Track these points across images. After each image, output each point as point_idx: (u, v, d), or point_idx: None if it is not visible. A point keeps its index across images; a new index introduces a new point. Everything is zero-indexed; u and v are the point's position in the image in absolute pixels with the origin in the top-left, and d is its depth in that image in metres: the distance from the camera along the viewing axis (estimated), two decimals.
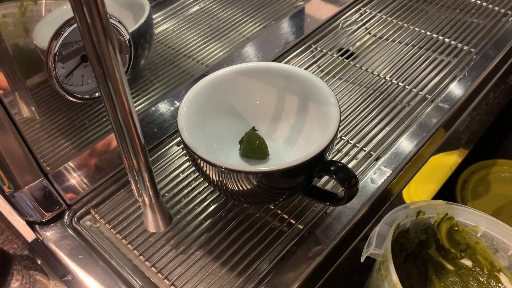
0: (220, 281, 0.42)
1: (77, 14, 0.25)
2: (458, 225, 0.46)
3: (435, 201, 0.45)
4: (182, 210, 0.48)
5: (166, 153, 0.54)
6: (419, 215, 0.45)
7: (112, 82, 0.28)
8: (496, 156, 0.74)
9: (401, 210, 0.44)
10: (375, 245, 0.41)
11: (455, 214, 0.45)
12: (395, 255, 0.46)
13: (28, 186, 0.46)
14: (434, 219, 0.46)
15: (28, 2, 0.40)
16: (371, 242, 0.41)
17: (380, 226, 0.42)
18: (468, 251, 0.47)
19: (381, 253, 0.41)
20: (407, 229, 0.46)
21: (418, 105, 0.57)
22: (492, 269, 0.45)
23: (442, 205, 0.45)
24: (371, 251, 0.41)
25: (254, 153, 0.47)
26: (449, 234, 0.46)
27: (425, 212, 0.45)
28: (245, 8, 0.70)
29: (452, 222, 0.46)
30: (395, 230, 0.43)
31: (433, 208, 0.45)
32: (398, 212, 0.44)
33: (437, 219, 0.46)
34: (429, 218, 0.45)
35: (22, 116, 0.42)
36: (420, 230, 0.46)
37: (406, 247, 0.46)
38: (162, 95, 0.57)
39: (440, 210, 0.45)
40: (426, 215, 0.45)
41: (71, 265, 0.44)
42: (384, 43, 0.67)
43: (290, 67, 0.49)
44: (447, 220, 0.45)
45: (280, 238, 0.45)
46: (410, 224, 0.45)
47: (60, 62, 0.42)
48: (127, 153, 0.32)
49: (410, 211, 0.44)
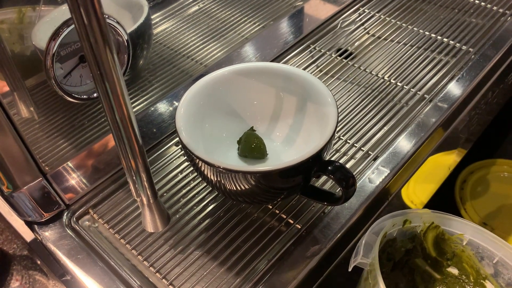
0: (218, 280, 0.42)
1: (75, 15, 0.25)
2: (444, 234, 0.46)
3: (422, 210, 0.45)
4: (181, 210, 0.48)
5: (164, 153, 0.54)
6: (405, 224, 0.45)
7: (109, 83, 0.28)
8: (495, 155, 0.74)
9: (388, 219, 0.44)
10: (362, 254, 0.41)
11: (441, 222, 0.46)
12: (382, 264, 0.46)
13: (27, 186, 0.46)
14: (421, 227, 0.46)
15: (27, 8, 0.41)
16: (359, 251, 0.41)
17: (367, 235, 0.42)
18: (454, 259, 0.47)
19: (369, 262, 0.41)
20: (394, 238, 0.46)
21: (417, 105, 0.57)
22: (478, 277, 0.46)
23: (428, 214, 0.45)
24: (359, 260, 0.41)
25: (252, 153, 0.47)
26: (435, 243, 0.47)
27: (412, 221, 0.45)
28: (243, 8, 0.70)
29: (438, 231, 0.46)
30: (382, 239, 0.43)
31: (419, 217, 0.45)
32: (385, 221, 0.44)
33: (424, 228, 0.46)
34: (415, 227, 0.46)
35: (21, 116, 0.42)
36: (406, 239, 0.47)
37: (393, 256, 0.46)
38: (161, 95, 0.57)
39: (426, 219, 0.45)
40: (413, 223, 0.45)
41: (69, 265, 0.44)
42: (382, 43, 0.67)
43: (288, 67, 0.49)
44: (433, 228, 0.46)
45: (278, 237, 0.45)
46: (397, 233, 0.46)
47: (59, 63, 0.42)
48: (125, 153, 0.32)
49: (397, 220, 0.44)
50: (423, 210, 0.46)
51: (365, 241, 0.42)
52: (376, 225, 0.43)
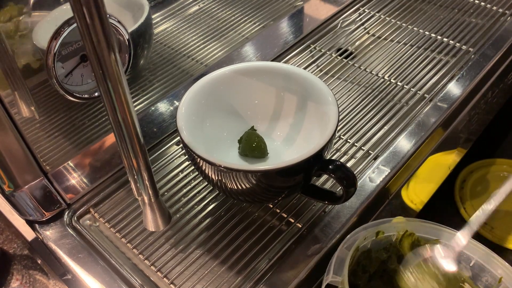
0: (219, 279, 0.43)
1: (77, 14, 0.25)
2: (420, 240, 0.46)
3: (395, 219, 0.45)
4: (182, 209, 0.48)
5: (165, 153, 0.54)
6: (379, 235, 0.45)
7: (111, 82, 0.28)
8: (494, 155, 0.74)
9: (360, 231, 0.44)
10: (333, 272, 0.39)
11: (415, 229, 0.45)
12: (358, 276, 0.45)
13: (28, 186, 0.46)
14: (395, 236, 0.46)
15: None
16: (330, 269, 0.40)
17: (339, 250, 0.41)
18: None
19: (340, 280, 0.39)
20: (368, 249, 0.45)
21: (417, 105, 0.58)
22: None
23: (402, 222, 0.45)
24: (330, 279, 0.40)
25: (253, 152, 0.47)
26: (412, 249, 0.46)
27: (385, 231, 0.45)
28: (244, 8, 0.70)
29: (414, 238, 0.45)
30: (355, 252, 0.43)
31: (392, 226, 0.45)
32: (356, 234, 0.43)
33: (398, 236, 0.46)
34: (390, 236, 0.45)
35: (22, 115, 0.42)
36: (381, 249, 0.46)
37: (368, 268, 0.46)
38: (162, 94, 0.57)
39: (400, 227, 0.45)
40: (386, 233, 0.45)
41: (70, 264, 0.44)
42: (382, 43, 0.67)
43: (289, 66, 0.49)
44: (408, 236, 0.45)
45: (279, 236, 0.45)
46: (371, 244, 0.45)
47: (60, 62, 0.42)
48: (127, 152, 0.32)
49: (369, 232, 0.44)
50: (396, 218, 0.45)
51: (337, 256, 0.41)
52: (348, 239, 0.43)
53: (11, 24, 0.39)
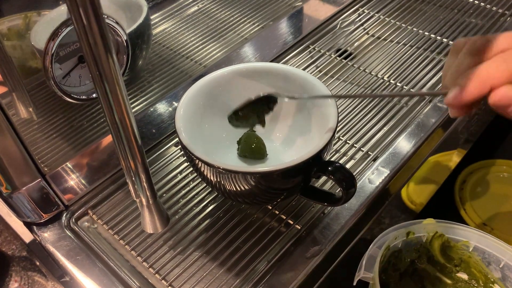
0: (218, 281, 0.42)
1: (73, 15, 0.25)
2: (449, 241, 0.47)
3: (425, 220, 0.46)
4: (180, 211, 0.48)
5: (164, 154, 0.54)
6: (409, 235, 0.46)
7: (108, 83, 0.27)
8: (494, 156, 0.74)
9: (391, 232, 0.45)
10: (364, 268, 0.42)
11: (445, 231, 0.46)
12: (389, 275, 0.47)
13: (26, 187, 0.46)
14: (425, 237, 0.46)
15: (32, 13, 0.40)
16: (361, 266, 0.43)
17: (370, 249, 0.43)
18: (462, 265, 0.48)
19: (371, 276, 0.41)
20: (399, 249, 0.47)
21: (416, 105, 0.57)
22: (487, 281, 0.46)
23: (432, 224, 0.46)
24: (361, 275, 0.42)
25: (253, 153, 0.47)
26: (442, 250, 0.47)
27: (415, 232, 0.46)
28: (243, 8, 0.70)
29: (443, 239, 0.46)
30: (385, 251, 0.44)
31: (422, 227, 0.46)
32: (387, 234, 0.45)
33: (428, 237, 0.46)
34: (420, 237, 0.46)
35: (20, 117, 0.42)
36: (412, 249, 0.47)
37: (398, 267, 0.47)
38: (160, 95, 0.57)
39: (430, 229, 0.46)
40: (416, 234, 0.46)
41: (68, 266, 0.44)
42: (382, 43, 0.67)
43: (288, 67, 0.49)
44: (438, 237, 0.46)
45: (278, 238, 0.45)
46: (401, 244, 0.46)
47: (58, 63, 0.42)
48: (124, 154, 0.32)
49: (399, 232, 0.45)
50: (427, 220, 0.46)
51: (369, 255, 0.43)
52: (379, 238, 0.44)
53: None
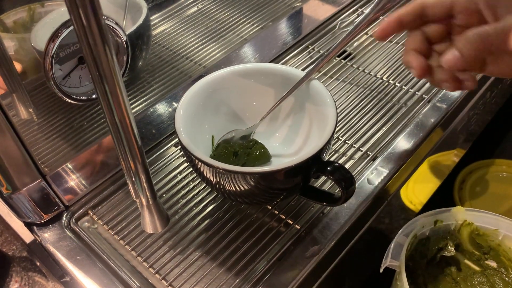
0: (217, 281, 0.43)
1: (73, 16, 0.25)
2: (479, 230, 0.47)
3: (454, 208, 0.47)
4: (180, 211, 0.48)
5: (164, 154, 0.54)
6: (437, 224, 0.46)
7: (108, 84, 0.28)
8: (493, 155, 0.74)
9: (418, 220, 0.46)
10: (391, 256, 0.43)
11: (474, 219, 0.47)
12: (416, 262, 0.47)
13: (26, 188, 0.46)
14: (454, 225, 0.47)
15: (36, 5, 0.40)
16: (388, 254, 0.44)
17: (397, 237, 0.44)
18: (491, 253, 0.48)
19: (398, 264, 0.42)
20: (426, 237, 0.47)
21: (415, 105, 0.58)
22: None
23: (461, 212, 0.46)
24: (388, 263, 0.43)
25: (260, 160, 0.47)
26: (471, 238, 0.48)
27: (443, 220, 0.46)
28: (242, 9, 0.70)
29: (472, 227, 0.47)
30: (413, 239, 0.45)
31: (451, 215, 0.47)
32: (415, 222, 0.46)
33: (457, 225, 0.47)
34: (449, 225, 0.47)
35: (20, 117, 0.42)
36: (439, 237, 0.48)
37: (425, 254, 0.48)
38: (160, 96, 0.57)
39: (459, 217, 0.46)
40: (445, 222, 0.46)
41: (69, 266, 0.44)
42: (381, 44, 0.67)
43: (287, 68, 0.49)
44: (467, 225, 0.47)
45: (278, 238, 0.45)
46: (429, 232, 0.47)
47: (58, 64, 0.42)
48: (124, 154, 0.32)
49: (427, 220, 0.46)
50: (456, 208, 0.47)
51: (396, 242, 0.44)
52: (406, 227, 0.45)
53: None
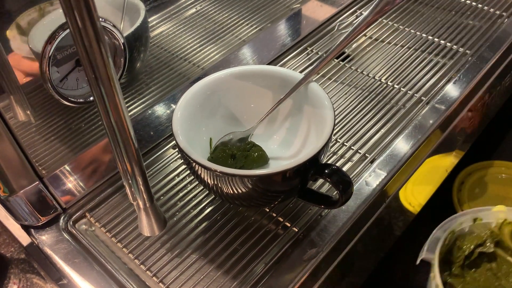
0: (215, 284, 0.42)
1: (69, 18, 0.25)
2: None
3: (495, 207, 0.48)
4: (177, 213, 0.48)
5: (161, 156, 0.54)
6: (476, 221, 0.47)
7: (104, 87, 0.28)
8: (492, 157, 0.74)
9: (457, 217, 0.47)
10: (426, 249, 0.46)
11: None
12: (454, 256, 0.49)
13: (23, 190, 0.46)
14: (493, 224, 0.48)
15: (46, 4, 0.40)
16: (424, 247, 0.46)
17: (435, 231, 0.47)
18: None
19: (433, 257, 0.44)
20: (465, 233, 0.48)
21: (414, 107, 0.57)
22: None
23: (502, 212, 0.47)
24: (423, 256, 0.46)
25: (258, 162, 0.47)
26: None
27: (483, 218, 0.47)
28: (241, 10, 0.70)
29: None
30: (450, 235, 0.46)
31: (491, 214, 0.48)
32: (453, 219, 0.47)
33: (497, 224, 0.47)
34: (488, 223, 0.48)
35: (17, 120, 0.42)
36: (478, 234, 0.49)
37: (464, 249, 0.49)
38: (158, 98, 0.57)
39: (500, 216, 0.47)
40: (484, 220, 0.47)
41: (66, 269, 0.44)
42: (380, 45, 0.67)
43: (285, 70, 0.49)
44: (508, 224, 0.47)
45: (275, 240, 0.45)
46: (468, 228, 0.48)
47: (55, 66, 0.42)
48: (121, 157, 0.32)
49: (465, 218, 0.47)
50: (497, 207, 0.47)
51: (434, 236, 0.46)
52: (445, 223, 0.47)
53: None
